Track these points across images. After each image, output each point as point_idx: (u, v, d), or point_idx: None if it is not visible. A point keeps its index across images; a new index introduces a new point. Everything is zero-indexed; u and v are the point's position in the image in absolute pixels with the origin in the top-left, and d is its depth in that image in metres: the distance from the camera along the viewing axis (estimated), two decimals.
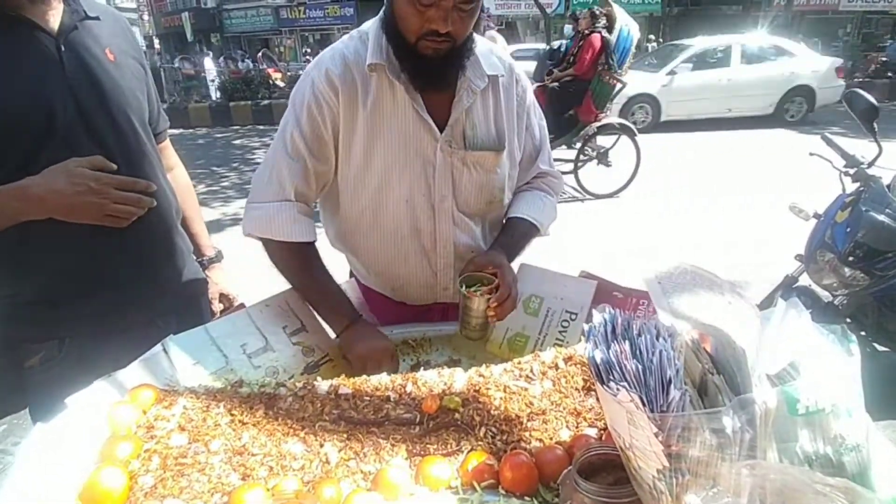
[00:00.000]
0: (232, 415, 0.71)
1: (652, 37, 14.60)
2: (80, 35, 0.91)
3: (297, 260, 0.99)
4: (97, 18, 0.96)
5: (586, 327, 0.65)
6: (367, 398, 0.78)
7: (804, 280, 2.38)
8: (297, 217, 0.97)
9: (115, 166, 0.89)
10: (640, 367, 0.52)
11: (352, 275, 1.24)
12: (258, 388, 0.77)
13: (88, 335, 0.95)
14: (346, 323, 0.96)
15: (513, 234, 1.08)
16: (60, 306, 0.93)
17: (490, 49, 1.05)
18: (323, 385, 0.79)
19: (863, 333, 2.26)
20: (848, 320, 2.28)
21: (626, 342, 0.56)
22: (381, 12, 0.94)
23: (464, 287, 0.94)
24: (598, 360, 0.57)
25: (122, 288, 0.96)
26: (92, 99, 0.90)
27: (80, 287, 0.93)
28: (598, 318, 0.65)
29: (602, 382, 0.55)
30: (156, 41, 20.94)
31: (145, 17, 25.02)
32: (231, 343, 0.87)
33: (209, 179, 6.44)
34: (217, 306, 1.20)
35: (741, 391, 0.54)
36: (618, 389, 0.52)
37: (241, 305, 0.97)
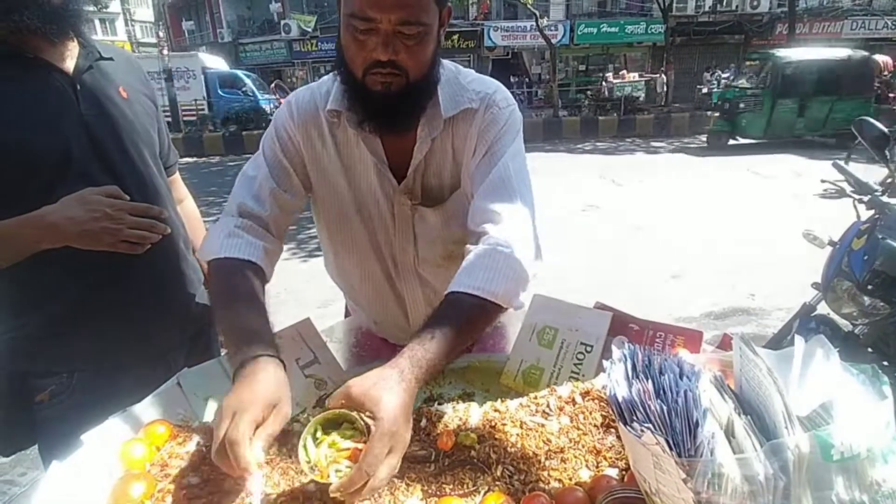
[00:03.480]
0: None
1: None
2: (94, 75, 0.96)
3: (217, 278, 0.83)
4: (111, 59, 1.00)
5: (606, 364, 0.63)
6: None
7: (822, 308, 2.33)
8: (232, 231, 0.85)
9: (128, 197, 0.91)
10: (664, 407, 0.51)
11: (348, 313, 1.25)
12: None
13: (98, 369, 0.95)
14: (241, 359, 0.67)
15: (440, 324, 0.71)
16: (69, 339, 0.94)
17: (469, 81, 0.94)
18: None
19: (885, 363, 2.20)
20: (869, 350, 2.23)
21: (649, 381, 0.55)
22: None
23: (306, 439, 0.63)
24: (620, 399, 0.55)
25: (132, 320, 0.97)
26: (106, 135, 0.94)
27: (88, 319, 0.94)
28: (617, 353, 0.63)
29: (625, 423, 0.54)
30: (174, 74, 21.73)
31: (164, 51, 26.01)
32: None
33: (219, 206, 6.55)
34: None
35: (771, 433, 0.52)
36: (642, 431, 0.50)
37: None
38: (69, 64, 0.93)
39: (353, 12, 0.75)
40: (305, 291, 4.00)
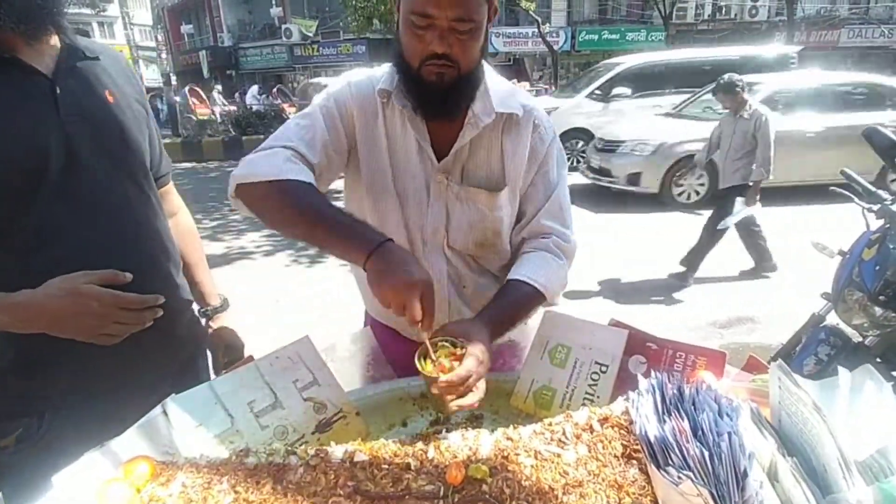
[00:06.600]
0: (236, 492, 0.64)
1: None
2: (77, 77, 0.87)
3: (292, 197, 0.83)
4: (96, 59, 0.91)
5: (632, 395, 0.58)
6: (386, 467, 0.70)
7: (831, 319, 2.29)
8: (290, 158, 0.87)
9: (129, 277, 0.84)
10: (704, 452, 0.45)
11: (366, 321, 1.20)
12: (266, 457, 0.70)
13: (72, 407, 0.86)
14: (367, 253, 0.76)
15: (506, 299, 0.95)
16: (41, 375, 0.85)
17: (512, 90, 1.03)
18: (337, 451, 0.72)
19: (894, 374, 2.16)
20: (878, 360, 2.19)
21: (685, 419, 0.49)
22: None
23: (420, 356, 0.79)
24: (652, 439, 0.50)
25: (113, 352, 0.87)
26: (88, 144, 0.85)
27: (62, 353, 0.84)
28: (643, 384, 0.58)
29: (658, 466, 0.49)
30: (173, 78, 21.70)
31: (163, 55, 26.02)
32: (237, 401, 0.81)
33: (219, 213, 6.49)
34: (222, 360, 1.12)
35: (820, 479, 0.47)
36: (680, 479, 0.45)
37: (250, 358, 0.91)
38: (49, 64, 0.83)
39: (414, 10, 0.84)
40: (306, 298, 3.93)
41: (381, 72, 0.99)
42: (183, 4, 26.32)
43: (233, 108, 13.47)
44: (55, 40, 0.85)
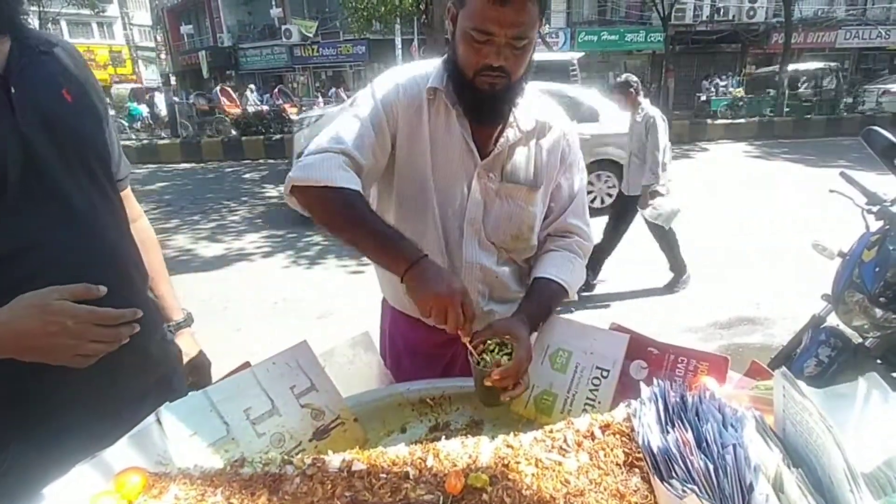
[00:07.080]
0: (230, 503, 0.63)
1: None
2: (31, 75, 0.79)
3: (342, 205, 0.91)
4: (50, 53, 0.84)
5: (634, 404, 0.57)
6: (384, 475, 0.69)
7: (831, 319, 2.29)
8: (343, 166, 0.93)
9: (103, 290, 0.75)
10: (709, 464, 0.44)
11: (383, 309, 1.23)
12: (262, 467, 0.68)
13: (40, 438, 0.79)
14: (405, 266, 0.87)
15: (539, 297, 1.04)
16: (5, 405, 0.77)
17: (546, 99, 1.11)
18: (334, 460, 0.70)
19: (893, 375, 2.15)
20: (878, 361, 2.18)
21: (689, 430, 0.48)
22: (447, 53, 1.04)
23: (474, 352, 0.88)
24: (655, 450, 0.49)
25: (80, 377, 0.77)
26: (48, 148, 0.78)
27: (24, 382, 0.76)
28: (646, 392, 0.57)
29: (661, 478, 0.48)
30: (172, 78, 21.66)
31: (163, 55, 25.99)
32: (233, 408, 0.79)
33: (217, 214, 6.47)
34: (186, 380, 1.04)
35: (826, 491, 0.46)
36: (684, 492, 0.44)
37: (247, 364, 0.89)
38: (0, 63, 0.76)
39: (475, 26, 0.89)
40: (304, 301, 3.92)
41: (426, 70, 1.04)
42: (182, 5, 26.28)
43: (265, 107, 13.52)
44: (5, 36, 0.78)
